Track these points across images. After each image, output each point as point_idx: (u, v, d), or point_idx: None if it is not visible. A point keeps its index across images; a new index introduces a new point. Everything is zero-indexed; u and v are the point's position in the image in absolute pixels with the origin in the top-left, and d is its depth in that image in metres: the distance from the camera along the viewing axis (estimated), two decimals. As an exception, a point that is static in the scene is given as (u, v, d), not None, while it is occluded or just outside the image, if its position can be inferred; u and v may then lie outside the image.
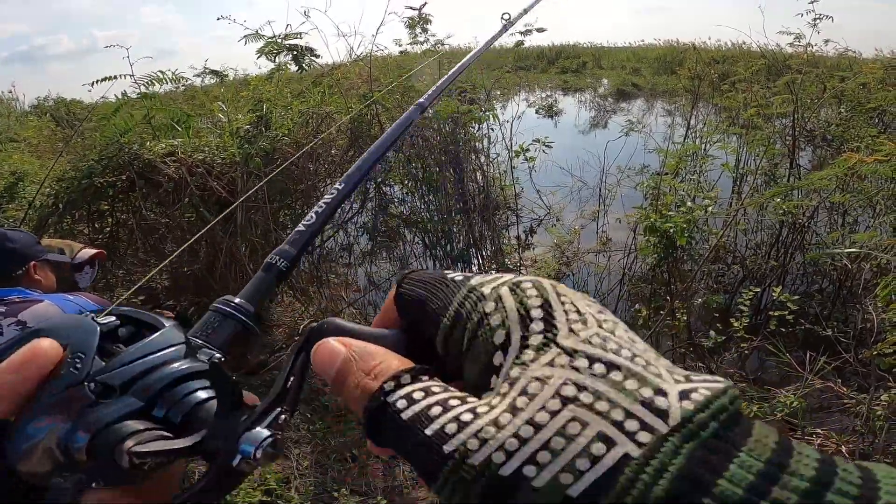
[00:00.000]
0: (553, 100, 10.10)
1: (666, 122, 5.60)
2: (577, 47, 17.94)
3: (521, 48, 3.89)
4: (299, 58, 2.85)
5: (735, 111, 4.32)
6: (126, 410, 0.23)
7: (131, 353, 0.25)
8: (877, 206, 2.83)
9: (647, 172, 4.15)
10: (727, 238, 3.30)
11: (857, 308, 2.53)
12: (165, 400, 0.25)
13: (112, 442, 0.22)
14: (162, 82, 2.63)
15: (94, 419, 0.23)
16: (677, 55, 10.05)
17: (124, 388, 0.24)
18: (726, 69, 4.99)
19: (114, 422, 0.23)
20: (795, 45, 3.75)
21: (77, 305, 1.28)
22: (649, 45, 15.86)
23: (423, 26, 3.35)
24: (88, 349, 0.24)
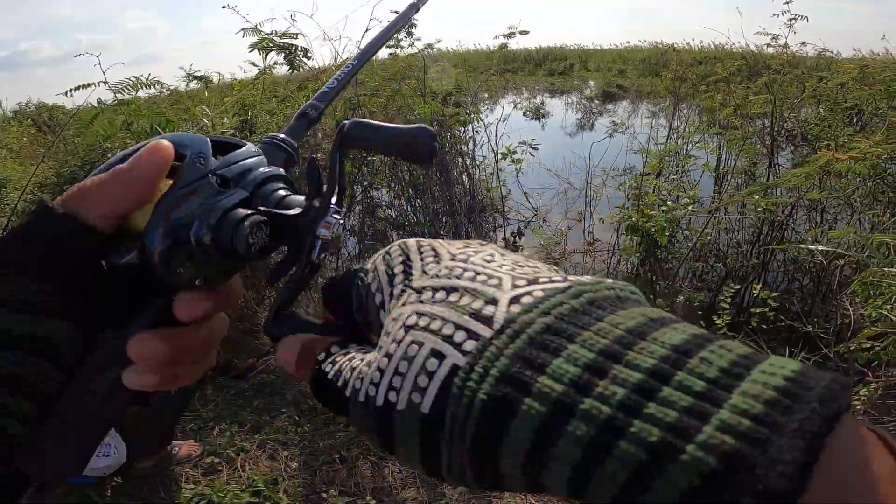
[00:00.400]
0: (540, 102, 10.18)
1: (650, 123, 5.68)
2: (564, 49, 18.09)
3: (507, 51, 3.93)
4: (293, 57, 2.85)
5: (715, 112, 4.40)
6: (238, 199, 0.27)
7: (234, 157, 0.29)
8: (854, 204, 2.90)
9: (631, 173, 4.21)
10: (710, 237, 3.35)
11: (834, 304, 2.58)
12: (260, 193, 0.29)
13: (233, 224, 0.26)
14: (137, 88, 2.62)
15: (218, 205, 0.27)
16: (661, 57, 10.19)
17: (236, 181, 0.28)
18: (707, 70, 5.07)
19: (230, 208, 0.27)
20: (773, 45, 3.83)
21: None
22: (634, 46, 16.04)
23: (408, 30, 3.37)
24: (207, 151, 0.28)
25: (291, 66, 2.73)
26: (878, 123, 3.35)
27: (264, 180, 0.29)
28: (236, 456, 2.00)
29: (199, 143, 0.28)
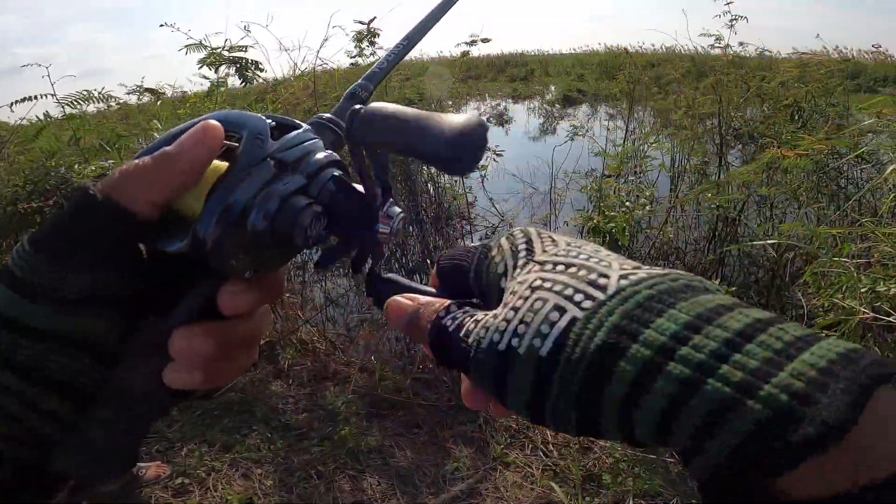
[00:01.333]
0: (503, 108, 10.32)
1: (608, 125, 5.83)
2: (525, 55, 18.45)
3: (470, 58, 3.96)
4: (244, 70, 2.79)
5: (668, 112, 4.55)
6: (296, 186, 0.27)
7: (291, 140, 0.28)
8: (800, 198, 3.04)
9: (593, 176, 4.30)
10: (669, 235, 3.45)
11: (789, 296, 2.68)
12: (318, 180, 0.28)
13: (292, 213, 0.26)
14: (87, 102, 2.51)
15: (277, 192, 0.26)
16: (616, 60, 10.52)
17: (294, 165, 0.27)
18: (659, 73, 5.26)
19: (288, 196, 0.26)
20: (716, 46, 4.00)
21: None
22: (592, 51, 16.51)
23: (370, 40, 3.35)
24: (265, 132, 0.27)
25: (244, 79, 2.66)
26: (818, 120, 3.55)
27: (322, 166, 0.29)
28: (207, 476, 1.92)
29: (258, 123, 0.27)
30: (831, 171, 2.78)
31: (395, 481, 1.93)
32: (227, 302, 0.26)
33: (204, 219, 0.24)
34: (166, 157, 0.25)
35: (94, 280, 0.24)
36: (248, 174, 0.25)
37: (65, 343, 0.23)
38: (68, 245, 0.23)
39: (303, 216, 0.26)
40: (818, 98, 3.54)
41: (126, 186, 0.24)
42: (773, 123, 3.58)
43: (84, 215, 0.24)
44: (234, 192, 0.25)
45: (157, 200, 0.25)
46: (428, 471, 1.98)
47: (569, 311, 0.21)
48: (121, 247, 0.24)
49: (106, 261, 0.24)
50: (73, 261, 0.23)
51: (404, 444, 2.09)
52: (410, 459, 2.03)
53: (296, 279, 3.61)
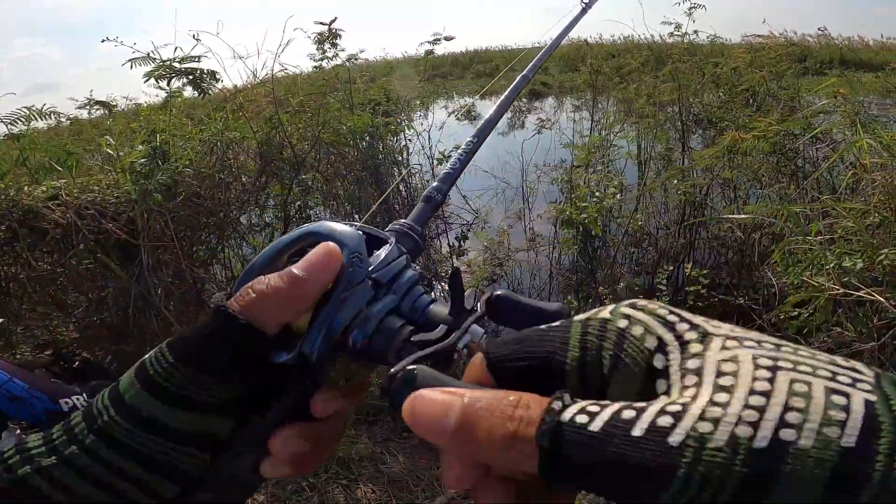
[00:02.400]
0: (471, 105, 10.34)
1: (574, 117, 5.92)
2: (490, 51, 18.52)
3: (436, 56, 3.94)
4: (198, 81, 2.68)
5: (630, 102, 4.64)
6: (391, 306, 0.29)
7: (384, 260, 0.30)
8: (762, 179, 3.15)
9: (563, 167, 4.35)
10: (640, 222, 3.52)
11: (759, 275, 2.77)
12: (408, 297, 0.30)
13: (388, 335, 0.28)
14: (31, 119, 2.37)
15: (375, 313, 0.28)
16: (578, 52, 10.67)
17: (388, 285, 0.29)
18: (620, 63, 5.36)
19: (384, 316, 0.28)
20: (675, 34, 4.11)
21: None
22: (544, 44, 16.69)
23: (332, 41, 3.28)
24: (363, 250, 0.29)
25: (199, 90, 2.56)
26: (770, 103, 3.68)
27: (411, 285, 0.31)
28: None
29: (355, 241, 0.30)
30: (789, 151, 2.89)
31: (390, 488, 1.90)
32: (320, 407, 0.29)
33: (311, 337, 0.28)
34: (299, 281, 0.27)
35: (224, 388, 0.27)
36: (350, 294, 0.28)
37: (188, 439, 0.26)
38: (207, 359, 0.26)
39: (397, 338, 0.28)
40: (770, 82, 3.68)
41: (261, 308, 0.27)
42: (730, 108, 3.70)
43: (224, 335, 0.27)
44: (339, 313, 0.28)
45: (285, 321, 0.28)
46: (421, 475, 1.96)
47: (855, 395, 0.17)
48: (249, 359, 0.27)
49: (236, 372, 0.27)
50: (209, 372, 0.26)
51: (395, 450, 2.07)
52: (403, 465, 2.01)
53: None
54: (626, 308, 0.22)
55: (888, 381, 0.17)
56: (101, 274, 2.48)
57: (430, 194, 0.40)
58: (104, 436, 0.26)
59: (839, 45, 9.90)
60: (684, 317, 0.21)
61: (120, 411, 0.26)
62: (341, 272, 0.28)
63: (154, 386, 0.26)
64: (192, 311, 2.80)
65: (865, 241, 1.44)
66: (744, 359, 0.18)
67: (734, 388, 0.17)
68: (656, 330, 0.20)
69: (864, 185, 1.84)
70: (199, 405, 0.26)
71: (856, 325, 1.39)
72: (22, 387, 1.34)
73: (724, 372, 0.18)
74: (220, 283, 3.02)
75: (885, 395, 0.17)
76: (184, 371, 0.26)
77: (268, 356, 0.28)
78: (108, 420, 0.26)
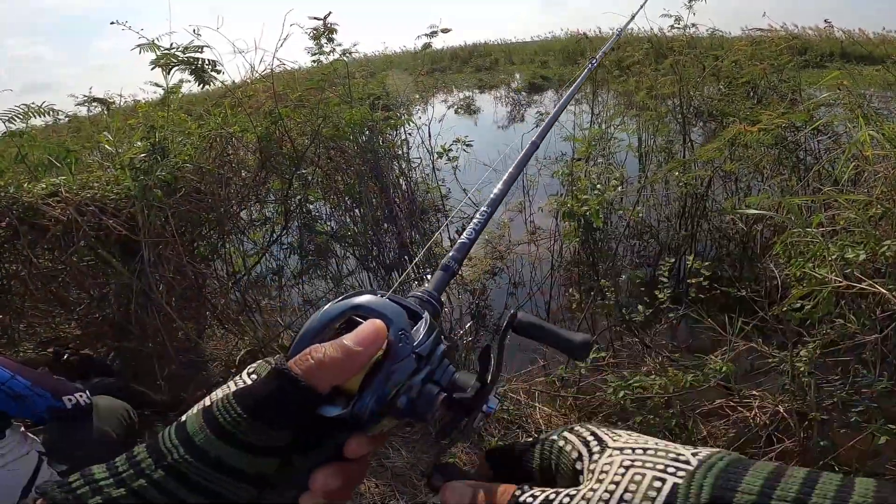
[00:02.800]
0: (470, 98, 10.30)
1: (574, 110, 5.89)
2: (489, 45, 18.42)
3: (434, 50, 3.92)
4: (200, 72, 2.65)
5: (630, 94, 4.62)
6: (429, 374, 0.35)
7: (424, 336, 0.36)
8: (764, 172, 3.14)
9: (563, 160, 4.33)
10: (641, 214, 3.52)
11: (761, 267, 2.75)
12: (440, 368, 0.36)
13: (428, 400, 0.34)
14: (29, 116, 2.35)
15: (417, 381, 0.34)
16: (577, 46, 10.61)
17: (427, 357, 0.35)
18: (620, 55, 5.33)
19: (423, 384, 0.35)
20: (676, 27, 4.08)
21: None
22: (554, 38, 16.62)
23: (328, 36, 3.26)
24: (407, 327, 0.35)
25: (200, 80, 2.54)
26: (771, 95, 3.67)
27: (442, 357, 0.37)
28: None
29: (401, 318, 0.36)
30: (790, 143, 2.88)
31: (393, 482, 1.91)
32: (353, 450, 0.34)
33: (365, 398, 0.33)
34: (352, 354, 0.33)
35: (283, 436, 0.32)
36: (398, 367, 0.34)
37: (244, 477, 0.31)
38: (271, 413, 0.32)
39: (435, 402, 0.34)
40: (771, 75, 3.66)
41: (319, 374, 0.33)
42: (731, 101, 3.68)
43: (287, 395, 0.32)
44: (389, 381, 0.34)
45: (337, 384, 0.33)
46: (424, 469, 1.97)
47: (668, 480, 0.27)
48: (304, 413, 0.33)
49: (292, 423, 0.32)
50: (272, 423, 0.31)
51: (398, 444, 2.08)
52: (406, 459, 2.01)
53: (272, 284, 3.53)
54: (565, 432, 0.35)
55: (704, 468, 0.27)
56: (102, 270, 2.48)
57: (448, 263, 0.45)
58: (173, 472, 0.30)
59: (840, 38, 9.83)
60: (598, 435, 0.33)
61: (189, 451, 0.31)
62: (390, 346, 0.34)
63: (223, 431, 0.31)
64: (194, 307, 2.80)
65: (868, 232, 1.44)
66: (615, 462, 0.30)
67: (603, 480, 0.29)
68: (578, 447, 0.33)
69: (866, 176, 1.84)
70: (257, 450, 0.31)
71: (858, 318, 1.39)
72: (24, 384, 1.34)
73: (603, 471, 0.30)
74: (220, 278, 3.02)
75: (690, 480, 0.27)
76: (251, 422, 0.31)
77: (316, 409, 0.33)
78: (178, 458, 0.30)
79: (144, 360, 2.50)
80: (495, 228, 4.21)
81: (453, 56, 16.56)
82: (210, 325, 2.95)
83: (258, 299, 3.16)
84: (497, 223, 4.32)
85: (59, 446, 1.43)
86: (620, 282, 3.14)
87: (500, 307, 3.28)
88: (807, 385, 1.67)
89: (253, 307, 3.01)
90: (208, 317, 2.90)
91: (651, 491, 0.27)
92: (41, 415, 1.38)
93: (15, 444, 1.31)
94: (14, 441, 1.31)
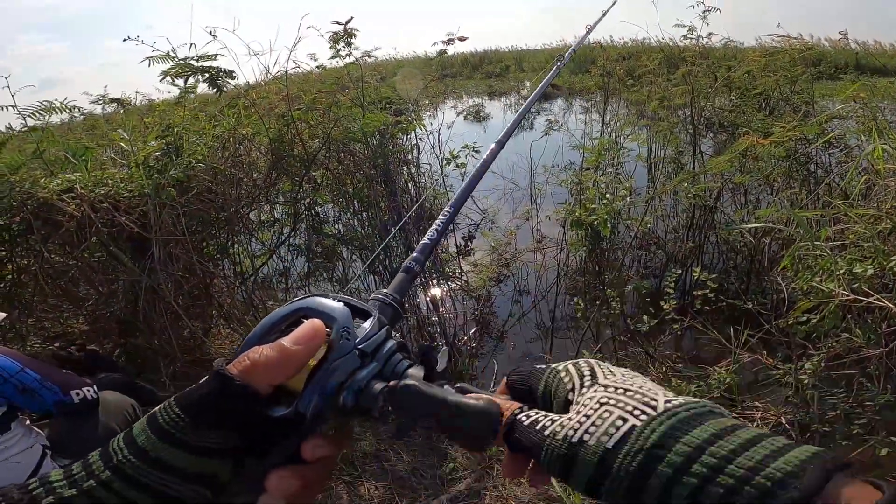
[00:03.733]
0: (480, 105, 10.33)
1: (583, 119, 5.89)
2: (499, 52, 18.48)
3: (445, 56, 3.94)
4: (215, 79, 2.69)
5: (642, 104, 4.61)
6: (374, 371, 0.35)
7: (369, 333, 0.36)
8: (774, 185, 3.12)
9: (571, 169, 4.33)
10: (649, 225, 3.50)
11: (768, 280, 2.73)
12: (390, 363, 0.36)
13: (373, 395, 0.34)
14: (49, 112, 2.40)
15: (361, 378, 0.34)
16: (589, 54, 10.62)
17: (372, 354, 0.35)
18: (632, 65, 5.33)
19: (369, 381, 0.34)
20: (689, 37, 4.07)
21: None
22: (566, 45, 16.62)
23: (346, 40, 3.29)
24: (350, 325, 0.35)
25: (215, 87, 2.58)
26: (783, 107, 3.64)
27: (391, 353, 0.37)
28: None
29: (344, 316, 0.36)
30: (801, 156, 2.86)
31: (394, 485, 1.91)
32: (309, 452, 0.34)
33: (306, 396, 0.33)
34: (288, 353, 0.34)
35: (224, 437, 0.32)
36: (339, 363, 0.34)
37: (191, 477, 0.32)
38: (207, 412, 0.32)
39: (380, 398, 0.33)
40: (783, 86, 3.64)
41: (256, 374, 0.33)
42: (743, 112, 3.66)
43: (226, 394, 0.33)
44: (329, 379, 0.34)
45: (276, 383, 0.34)
46: (425, 473, 1.97)
47: (629, 421, 0.30)
48: (248, 414, 0.33)
49: (234, 423, 0.33)
50: (208, 422, 0.32)
51: (399, 448, 2.08)
52: (407, 462, 2.01)
53: (278, 286, 3.55)
54: (570, 364, 0.37)
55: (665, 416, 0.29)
56: (112, 267, 2.51)
57: (409, 265, 0.44)
58: (118, 472, 0.31)
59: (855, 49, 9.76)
60: (594, 370, 0.36)
61: (132, 452, 0.32)
62: (332, 344, 0.35)
63: (162, 432, 0.32)
64: (201, 306, 2.83)
65: (876, 247, 1.42)
66: (595, 397, 0.33)
67: (580, 412, 0.32)
68: (574, 379, 0.36)
69: (876, 190, 1.82)
70: (199, 449, 0.32)
71: (864, 332, 1.37)
72: (34, 378, 1.35)
73: (583, 404, 0.33)
74: (228, 278, 3.05)
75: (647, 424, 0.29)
76: (187, 421, 0.32)
77: (264, 411, 0.33)
78: (122, 458, 0.32)
79: (150, 358, 2.53)
80: (501, 236, 4.21)
81: (464, 62, 16.64)
82: (216, 324, 2.98)
83: (264, 300, 3.19)
84: (503, 230, 4.32)
85: (63, 440, 1.45)
86: (626, 292, 3.13)
87: (505, 314, 3.28)
88: (810, 397, 1.65)
89: (259, 308, 3.04)
90: (214, 316, 2.93)
91: (612, 428, 0.29)
92: (48, 408, 1.39)
93: (20, 436, 1.32)
94: (19, 434, 1.32)
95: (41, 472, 1.32)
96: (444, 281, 3.38)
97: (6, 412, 1.30)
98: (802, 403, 1.73)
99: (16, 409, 1.33)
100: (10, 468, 1.28)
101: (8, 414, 1.31)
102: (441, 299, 3.24)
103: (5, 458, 1.27)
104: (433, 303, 3.07)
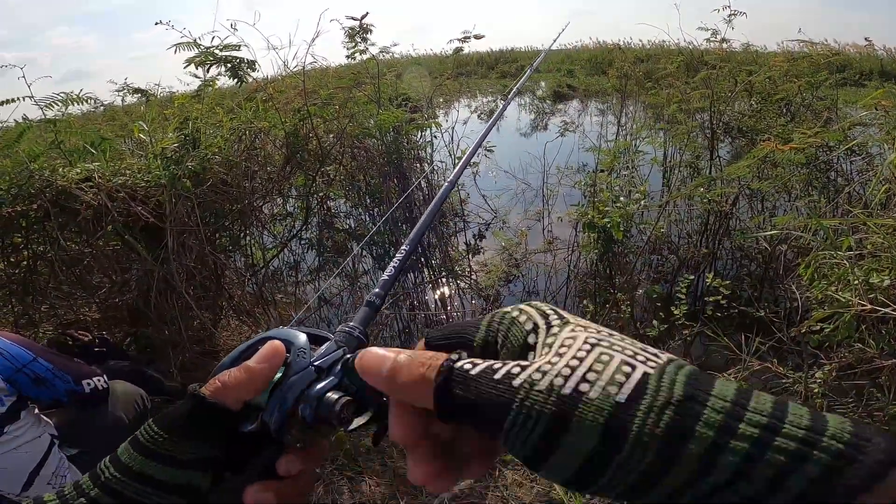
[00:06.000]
0: (494, 104, 10.30)
1: (599, 121, 5.84)
2: (515, 52, 18.41)
3: (461, 55, 3.94)
4: (237, 69, 2.72)
5: (659, 107, 4.55)
6: (331, 385, 0.36)
7: (324, 352, 0.39)
8: (792, 192, 3.06)
9: (585, 171, 4.29)
10: (662, 229, 3.46)
11: (782, 288, 2.69)
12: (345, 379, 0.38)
13: (329, 405, 0.35)
14: (68, 104, 2.44)
15: (316, 391, 0.36)
16: (606, 56, 10.53)
17: (328, 370, 0.38)
18: (650, 67, 5.27)
19: (325, 392, 0.36)
20: (712, 40, 4.00)
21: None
22: (583, 46, 16.52)
23: (362, 36, 3.30)
24: (307, 346, 0.39)
25: (237, 77, 2.60)
26: (805, 113, 3.57)
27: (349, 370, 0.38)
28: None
29: (300, 340, 0.39)
30: (821, 163, 2.80)
31: (395, 482, 1.92)
32: (283, 467, 0.36)
33: (269, 410, 0.36)
34: (253, 371, 0.36)
35: (199, 450, 0.35)
36: (296, 378, 0.37)
37: (171, 488, 0.34)
38: (182, 427, 0.35)
39: (336, 405, 0.35)
40: (806, 92, 3.56)
41: (226, 392, 0.36)
42: (763, 117, 3.60)
43: (198, 411, 0.36)
44: (289, 392, 0.36)
45: (245, 400, 0.36)
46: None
47: (639, 368, 0.23)
48: (220, 429, 0.36)
49: (208, 438, 0.35)
50: (185, 437, 0.35)
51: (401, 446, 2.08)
52: (409, 459, 2.02)
53: (288, 279, 3.58)
54: (522, 305, 0.30)
55: (674, 366, 0.23)
56: (126, 256, 2.55)
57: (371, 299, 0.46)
58: (106, 489, 0.34)
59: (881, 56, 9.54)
60: (560, 313, 0.29)
61: (117, 469, 0.34)
62: (289, 363, 0.38)
63: (143, 448, 0.35)
64: (211, 297, 2.86)
65: (894, 257, 1.39)
66: (578, 337, 0.25)
67: (564, 354, 0.24)
68: (534, 318, 0.28)
69: None
70: (178, 462, 0.34)
71: (878, 342, 1.34)
72: (46, 367, 1.37)
73: (563, 345, 0.25)
74: (239, 270, 3.08)
75: (661, 372, 0.23)
76: (165, 437, 0.35)
77: (236, 427, 0.36)
78: (108, 476, 0.34)
79: (159, 348, 2.56)
80: (512, 235, 4.20)
81: (479, 61, 16.61)
82: (225, 315, 3.01)
83: (274, 293, 3.21)
84: (514, 230, 4.31)
85: (72, 430, 1.45)
86: (637, 296, 3.09)
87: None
88: (819, 406, 1.62)
89: (269, 300, 3.06)
90: (224, 307, 2.96)
91: (619, 375, 0.22)
92: (60, 398, 1.39)
93: (29, 425, 1.32)
94: (29, 423, 1.32)
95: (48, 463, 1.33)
96: (453, 279, 3.37)
97: (16, 401, 1.30)
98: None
99: (26, 399, 1.34)
100: (18, 457, 1.29)
101: (17, 403, 1.31)
102: (450, 297, 3.24)
103: (14, 447, 1.28)
104: (441, 300, 3.07)
